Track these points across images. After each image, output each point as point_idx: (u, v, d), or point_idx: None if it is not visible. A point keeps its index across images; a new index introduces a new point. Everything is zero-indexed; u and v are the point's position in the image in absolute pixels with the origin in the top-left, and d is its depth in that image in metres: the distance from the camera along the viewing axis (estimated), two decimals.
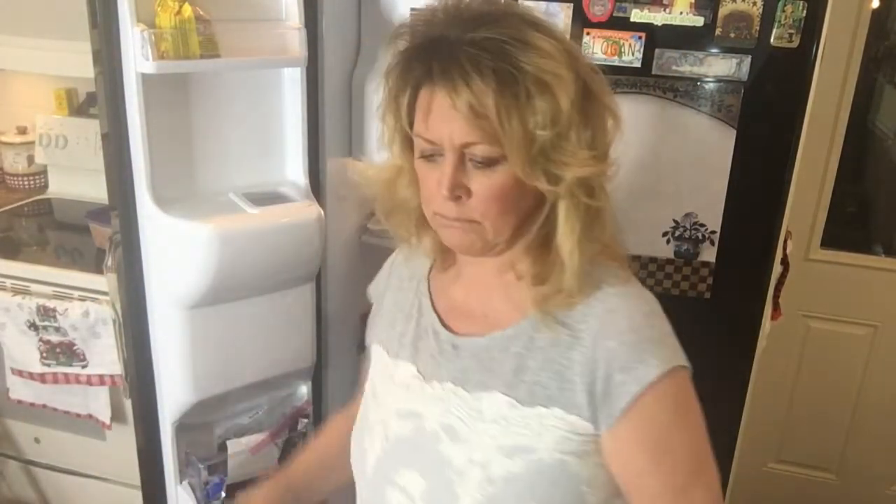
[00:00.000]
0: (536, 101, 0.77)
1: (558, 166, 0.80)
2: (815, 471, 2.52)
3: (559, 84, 0.78)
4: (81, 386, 2.00)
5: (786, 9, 1.49)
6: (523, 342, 0.87)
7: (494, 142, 0.79)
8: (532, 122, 0.78)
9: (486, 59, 0.77)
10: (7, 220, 2.36)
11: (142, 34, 1.37)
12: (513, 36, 0.78)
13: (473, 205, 0.83)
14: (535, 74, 0.77)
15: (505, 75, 0.77)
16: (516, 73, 0.77)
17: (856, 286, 2.31)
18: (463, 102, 0.77)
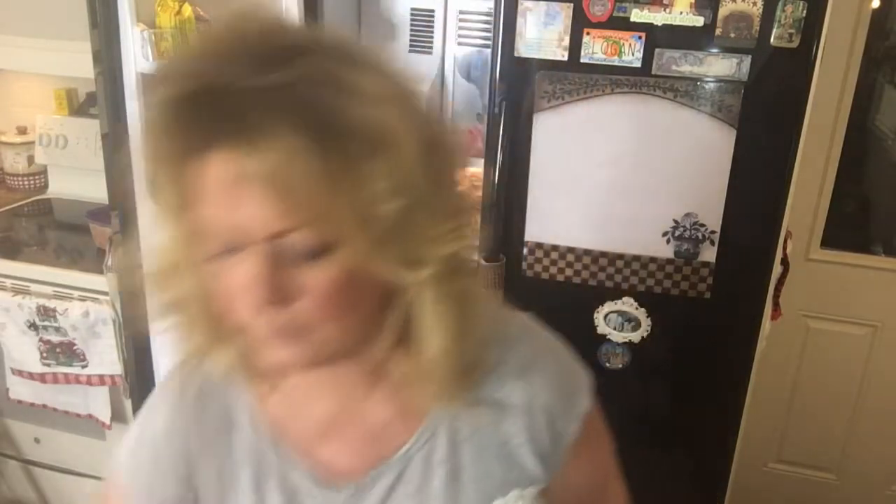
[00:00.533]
0: (369, 164, 0.55)
1: (419, 244, 0.59)
2: (815, 471, 2.52)
3: (398, 137, 0.56)
4: (81, 386, 2.00)
5: (786, 9, 1.50)
6: (444, 442, 0.71)
7: (317, 223, 0.56)
8: (368, 192, 0.55)
9: (292, 111, 0.53)
10: (7, 220, 2.36)
11: (142, 34, 1.37)
12: (326, 78, 0.55)
13: (303, 308, 0.58)
14: (361, 129, 0.55)
15: (320, 131, 0.53)
16: (335, 131, 0.54)
17: (856, 286, 2.30)
18: (262, 175, 0.53)
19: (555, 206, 1.70)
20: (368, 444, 0.71)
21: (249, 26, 0.58)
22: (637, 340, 1.75)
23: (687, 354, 1.78)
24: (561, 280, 1.75)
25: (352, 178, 0.55)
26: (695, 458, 1.87)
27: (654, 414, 1.86)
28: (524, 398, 0.71)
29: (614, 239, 1.71)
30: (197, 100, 0.55)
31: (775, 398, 2.41)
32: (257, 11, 0.59)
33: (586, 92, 1.62)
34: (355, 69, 0.57)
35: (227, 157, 0.54)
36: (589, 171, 1.67)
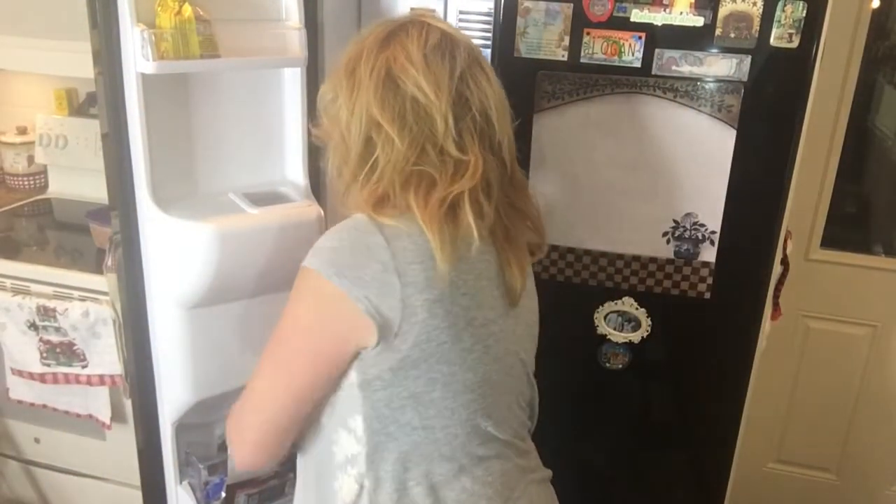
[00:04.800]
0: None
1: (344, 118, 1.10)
2: (815, 471, 2.52)
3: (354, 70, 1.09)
4: (81, 386, 2.00)
5: (786, 9, 1.50)
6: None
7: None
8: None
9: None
10: (7, 220, 2.36)
11: (142, 34, 1.37)
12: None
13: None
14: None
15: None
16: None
17: (856, 286, 2.31)
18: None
19: (555, 206, 1.70)
20: None
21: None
22: (637, 340, 1.75)
23: (687, 354, 1.78)
24: (561, 280, 1.75)
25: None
26: (695, 458, 1.87)
27: (654, 414, 1.86)
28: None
29: (614, 239, 1.71)
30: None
31: (775, 398, 2.41)
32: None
33: (586, 92, 1.62)
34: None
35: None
36: (589, 171, 1.67)
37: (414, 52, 1.02)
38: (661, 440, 1.84)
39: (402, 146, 1.01)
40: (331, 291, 1.01)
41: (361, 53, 1.05)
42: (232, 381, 1.68)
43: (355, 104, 1.04)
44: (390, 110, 1.01)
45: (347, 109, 1.05)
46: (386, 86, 1.02)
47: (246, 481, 1.67)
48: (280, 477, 1.72)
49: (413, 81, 1.01)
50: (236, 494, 1.67)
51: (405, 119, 1.01)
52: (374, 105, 1.02)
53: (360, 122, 1.03)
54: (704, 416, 1.82)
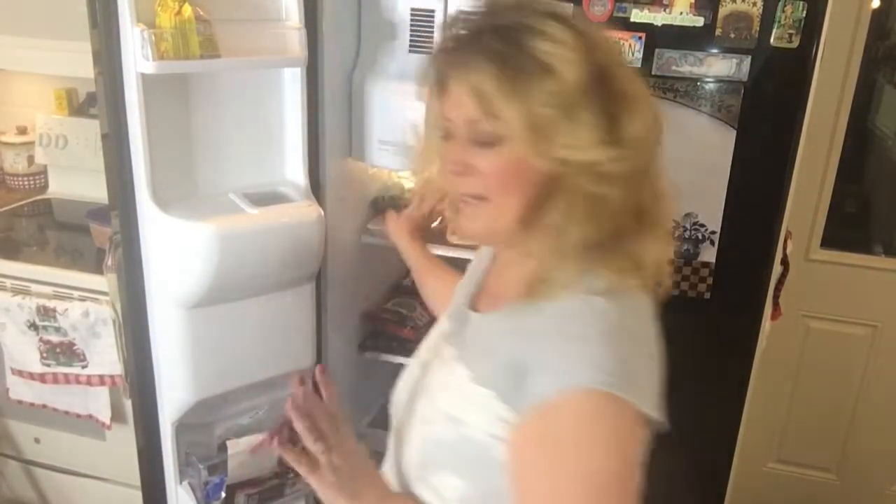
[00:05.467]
0: (539, 81, 0.79)
1: (563, 148, 0.80)
2: (815, 471, 2.52)
3: (564, 65, 0.79)
4: (81, 386, 2.00)
5: (786, 9, 1.50)
6: (501, 327, 0.90)
7: (497, 121, 0.81)
8: (534, 100, 0.79)
9: (497, 43, 0.81)
10: (7, 220, 2.36)
11: (142, 34, 1.37)
12: (528, 23, 0.82)
13: (477, 181, 0.85)
14: (541, 58, 0.79)
15: (510, 58, 0.80)
16: (521, 57, 0.80)
17: (856, 286, 2.31)
18: (467, 84, 0.81)
19: None
20: (488, 300, 0.98)
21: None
22: None
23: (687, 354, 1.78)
24: None
25: (524, 90, 0.79)
26: (695, 458, 1.87)
27: None
28: (533, 330, 0.83)
29: None
30: (459, 37, 0.85)
31: (775, 398, 2.41)
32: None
33: None
34: (552, 21, 0.82)
35: (454, 76, 0.84)
36: None
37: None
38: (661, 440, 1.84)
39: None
40: (626, 412, 0.79)
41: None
42: (232, 381, 1.68)
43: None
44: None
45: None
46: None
47: (246, 481, 1.67)
48: (280, 477, 1.72)
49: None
50: (236, 494, 1.67)
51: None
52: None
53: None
54: (704, 416, 1.82)
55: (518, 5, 0.86)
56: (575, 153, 0.80)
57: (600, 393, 0.75)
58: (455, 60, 0.84)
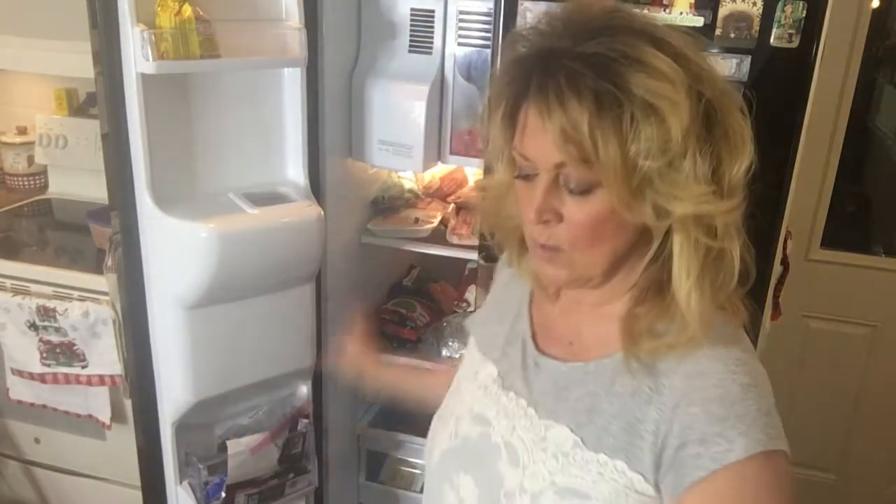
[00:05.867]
0: (642, 127, 0.70)
1: (667, 200, 0.72)
2: (815, 471, 2.52)
3: (671, 110, 0.70)
4: (81, 386, 2.00)
5: (786, 9, 1.49)
6: (603, 382, 0.80)
7: (590, 167, 0.72)
8: (634, 149, 0.70)
9: (588, 76, 0.70)
10: (7, 220, 2.36)
11: (142, 34, 1.37)
12: (624, 53, 0.71)
13: (562, 232, 0.76)
14: (642, 97, 0.69)
15: (606, 96, 0.69)
16: (620, 95, 0.69)
17: (856, 286, 2.31)
18: (554, 124, 0.71)
19: None
20: (564, 348, 0.88)
21: (582, 7, 0.77)
22: None
23: None
24: None
25: (623, 137, 0.70)
26: None
27: None
28: (676, 397, 0.75)
29: None
30: (534, 58, 0.75)
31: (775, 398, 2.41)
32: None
33: None
34: (653, 49, 0.71)
35: (536, 112, 0.72)
36: None
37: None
38: None
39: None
40: (786, 461, 0.78)
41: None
42: (232, 381, 1.68)
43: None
44: None
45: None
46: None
47: (246, 481, 1.67)
48: (280, 477, 1.72)
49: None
50: (236, 494, 1.67)
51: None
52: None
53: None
54: None
55: (609, 23, 0.74)
56: (683, 206, 0.72)
57: (770, 453, 0.75)
58: (539, 92, 0.72)
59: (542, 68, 0.73)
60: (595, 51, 0.71)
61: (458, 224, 1.97)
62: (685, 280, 0.75)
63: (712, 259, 0.75)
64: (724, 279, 0.76)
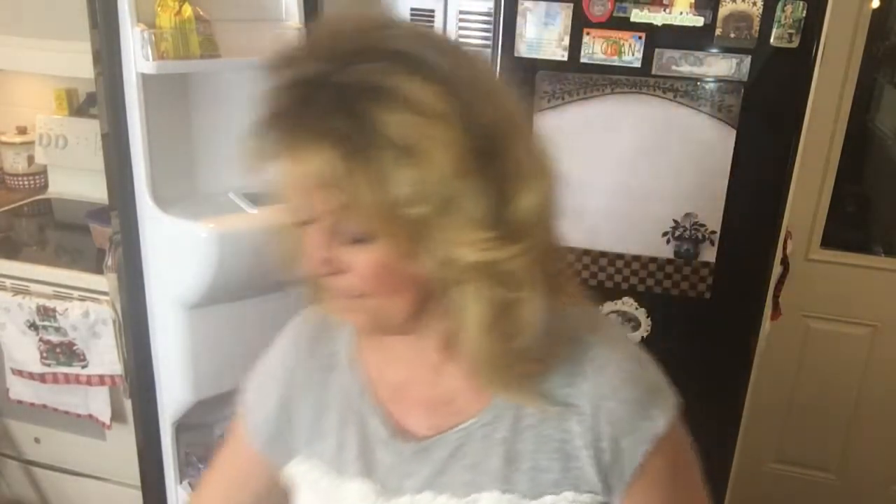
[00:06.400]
0: (399, 171, 0.59)
1: (447, 247, 0.63)
2: (815, 471, 2.52)
3: (433, 148, 0.59)
4: (81, 386, 2.00)
5: (786, 9, 1.50)
6: (506, 425, 0.73)
7: (350, 216, 0.63)
8: (395, 196, 0.60)
9: (339, 115, 0.60)
10: (7, 220, 2.36)
11: (142, 34, 1.37)
12: (376, 84, 0.60)
13: (352, 280, 0.67)
14: (397, 136, 0.59)
15: (356, 138, 0.59)
16: (372, 135, 0.59)
17: (856, 286, 2.30)
18: (305, 170, 0.61)
19: None
20: (435, 411, 0.76)
21: (335, 26, 0.66)
22: (637, 340, 1.75)
23: (687, 354, 1.78)
24: None
25: (380, 182, 0.60)
26: None
27: None
28: (589, 401, 0.72)
29: (614, 239, 1.71)
30: (290, 91, 0.63)
31: (775, 398, 2.41)
32: (349, 12, 0.67)
33: (586, 92, 1.62)
34: (408, 77, 0.61)
35: (289, 156, 0.63)
36: (589, 171, 1.67)
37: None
38: None
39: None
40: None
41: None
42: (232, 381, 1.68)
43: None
44: None
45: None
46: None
47: None
48: None
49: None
50: None
51: None
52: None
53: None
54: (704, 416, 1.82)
55: (364, 46, 0.62)
56: (465, 253, 0.63)
57: (677, 413, 0.76)
58: (289, 133, 0.62)
59: (294, 104, 0.62)
60: (346, 81, 0.60)
61: None
62: (473, 332, 0.66)
63: (506, 309, 0.66)
64: (521, 328, 0.67)
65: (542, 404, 0.72)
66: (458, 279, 0.65)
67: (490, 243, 0.63)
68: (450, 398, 0.76)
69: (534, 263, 0.66)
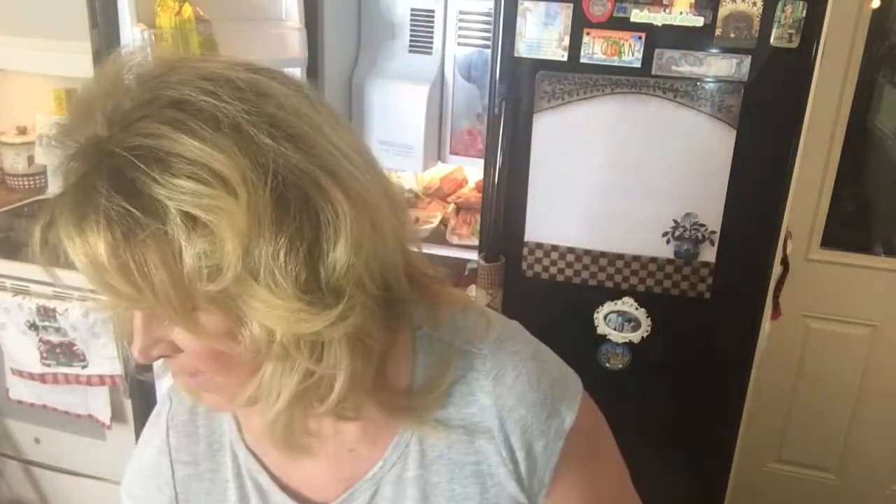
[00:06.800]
0: (186, 245, 0.53)
1: (266, 319, 0.56)
2: (815, 471, 2.52)
3: (219, 218, 0.52)
4: (81, 386, 2.00)
5: (786, 9, 1.49)
6: (415, 460, 0.70)
7: (139, 305, 0.58)
8: (189, 273, 0.53)
9: (104, 190, 0.52)
10: (7, 220, 2.36)
11: (142, 34, 1.37)
12: (151, 148, 0.52)
13: (186, 360, 0.61)
14: (176, 208, 0.52)
15: (138, 216, 0.52)
16: (146, 211, 0.52)
17: (856, 286, 2.30)
18: (79, 256, 0.56)
19: (555, 207, 1.70)
20: (340, 465, 0.72)
21: (114, 74, 0.57)
22: (637, 340, 1.75)
23: (687, 354, 1.78)
24: (561, 280, 1.75)
25: (166, 264, 0.53)
26: (695, 458, 1.87)
27: (654, 414, 1.86)
28: (494, 415, 0.69)
29: (614, 239, 1.71)
30: (63, 164, 0.56)
31: (775, 398, 2.41)
32: (118, 61, 0.58)
33: (586, 92, 1.62)
34: (184, 135, 0.52)
35: (69, 248, 0.57)
36: (589, 171, 1.67)
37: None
38: (661, 440, 1.84)
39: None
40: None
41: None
42: None
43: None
44: None
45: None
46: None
47: None
48: None
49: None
50: None
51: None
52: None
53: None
54: (704, 416, 1.82)
55: (141, 98, 0.55)
56: (277, 325, 0.56)
57: (582, 394, 0.73)
58: (62, 214, 0.55)
59: (70, 176, 0.55)
60: (118, 148, 0.53)
61: (458, 224, 1.97)
62: (274, 404, 0.60)
63: (315, 383, 0.60)
64: (323, 397, 0.61)
65: (443, 432, 0.68)
66: (272, 356, 0.58)
67: (300, 314, 0.55)
68: (349, 448, 0.72)
69: (365, 319, 0.58)
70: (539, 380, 0.70)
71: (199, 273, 0.53)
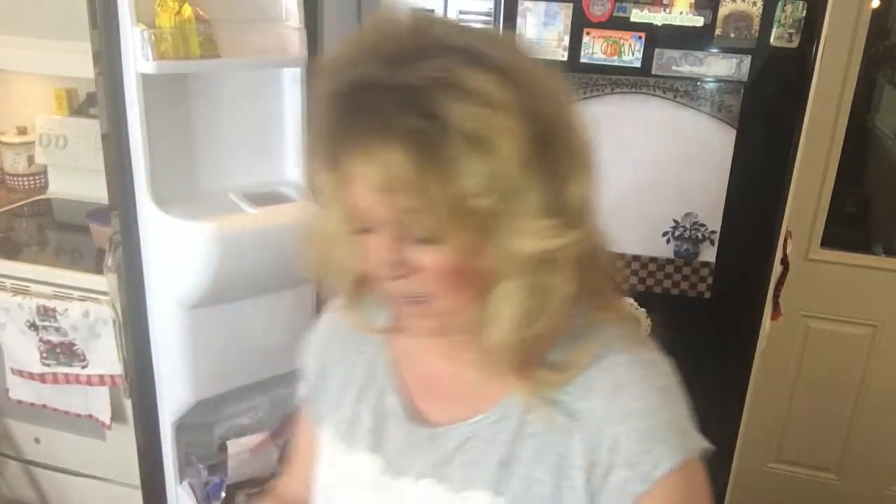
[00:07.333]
0: (466, 163, 0.60)
1: (511, 238, 0.64)
2: (815, 471, 2.52)
3: (499, 137, 0.60)
4: (81, 386, 2.00)
5: (786, 9, 1.50)
6: (511, 428, 0.72)
7: (420, 216, 0.63)
8: (462, 189, 0.61)
9: (399, 114, 0.60)
10: (7, 220, 2.36)
11: (142, 34, 1.37)
12: (438, 79, 0.60)
13: (420, 282, 0.67)
14: (462, 129, 0.59)
15: (420, 135, 0.59)
16: (436, 131, 0.59)
17: (856, 286, 2.30)
18: (371, 174, 0.61)
19: None
20: (453, 402, 0.77)
21: (387, 26, 0.65)
22: None
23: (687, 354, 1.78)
24: None
25: (449, 176, 0.60)
26: None
27: None
28: (598, 420, 0.69)
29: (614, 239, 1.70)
30: (346, 95, 0.63)
31: (775, 398, 2.41)
32: (401, 9, 0.67)
33: (586, 92, 1.62)
34: (474, 68, 0.61)
35: (350, 161, 0.62)
36: None
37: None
38: None
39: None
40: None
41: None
42: (232, 381, 1.68)
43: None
44: None
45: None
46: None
47: (246, 481, 1.68)
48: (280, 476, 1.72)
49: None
50: (236, 494, 1.67)
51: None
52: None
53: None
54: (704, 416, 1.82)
55: (417, 44, 0.63)
56: (526, 244, 0.64)
57: (692, 459, 0.71)
58: (350, 138, 0.62)
59: (350, 107, 0.62)
60: (404, 80, 0.60)
61: None
62: (505, 323, 0.66)
63: (542, 299, 0.66)
64: (547, 318, 0.67)
65: (550, 412, 0.70)
66: (513, 272, 0.65)
67: (553, 230, 0.64)
68: (467, 391, 0.76)
69: (579, 254, 0.66)
70: (655, 413, 0.70)
71: (475, 190, 0.61)
